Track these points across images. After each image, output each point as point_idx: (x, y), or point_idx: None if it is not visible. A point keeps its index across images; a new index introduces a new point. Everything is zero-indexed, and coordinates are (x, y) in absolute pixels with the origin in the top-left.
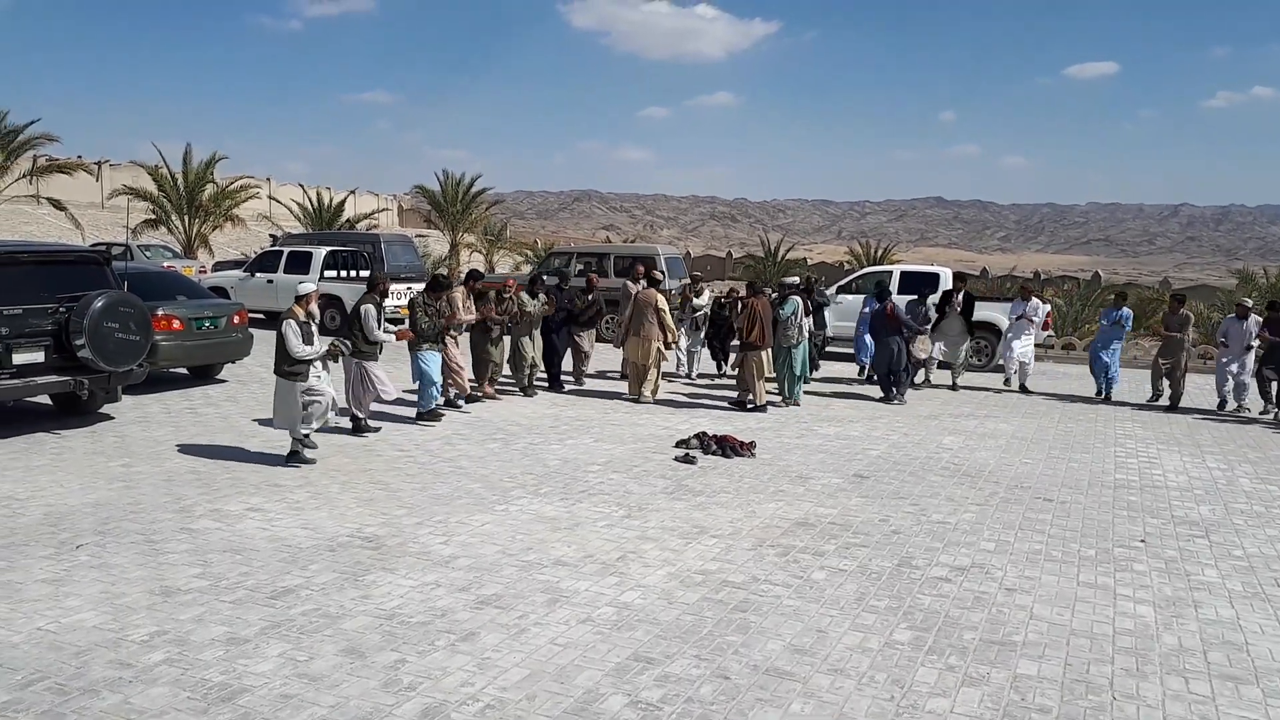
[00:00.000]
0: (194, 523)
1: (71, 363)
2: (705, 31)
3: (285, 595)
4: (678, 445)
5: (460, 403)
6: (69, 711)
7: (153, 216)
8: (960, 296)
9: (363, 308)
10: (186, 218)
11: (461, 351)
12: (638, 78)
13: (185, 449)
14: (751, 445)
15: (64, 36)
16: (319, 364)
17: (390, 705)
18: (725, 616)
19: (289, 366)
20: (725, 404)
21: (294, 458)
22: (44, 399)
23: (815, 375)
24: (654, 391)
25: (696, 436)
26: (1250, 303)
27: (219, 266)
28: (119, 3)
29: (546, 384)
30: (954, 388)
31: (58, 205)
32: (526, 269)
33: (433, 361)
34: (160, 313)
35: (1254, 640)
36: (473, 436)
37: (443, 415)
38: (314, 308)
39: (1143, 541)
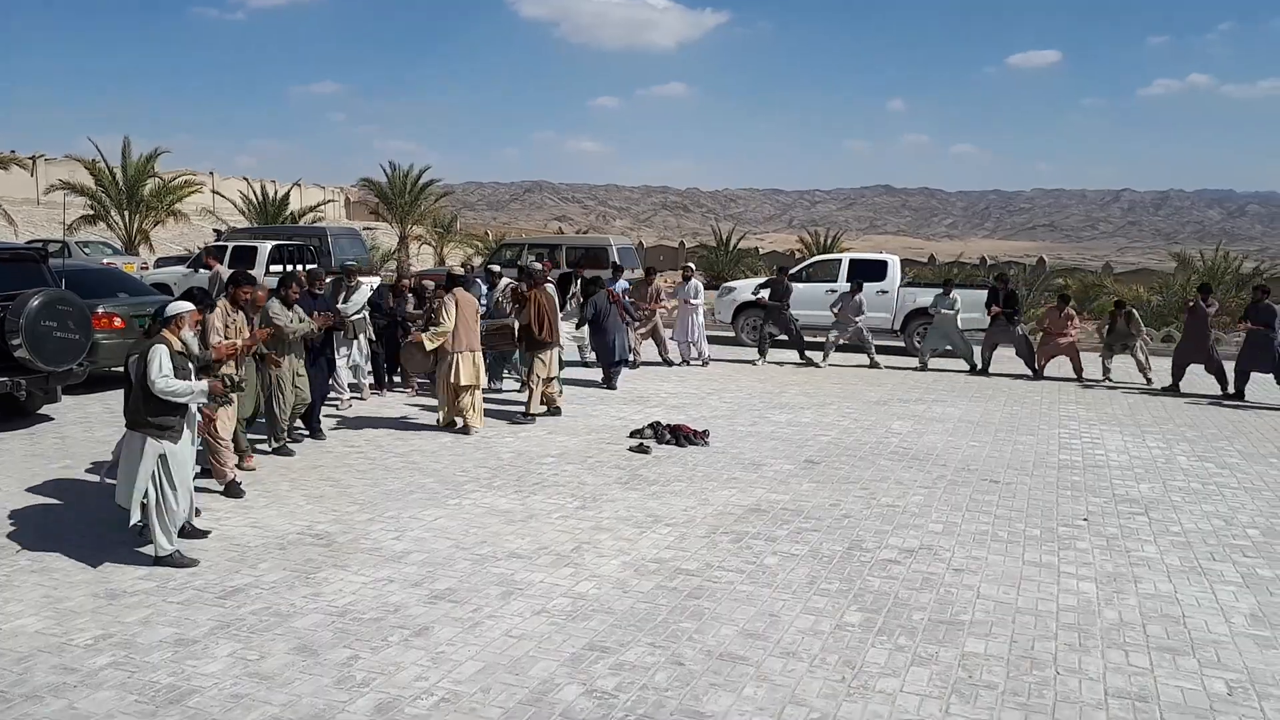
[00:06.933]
0: None
1: (8, 363)
2: (657, 21)
3: (234, 595)
4: (632, 435)
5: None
6: (11, 718)
7: (91, 212)
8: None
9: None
10: (127, 213)
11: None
12: (589, 68)
13: None
14: (705, 434)
15: None
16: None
17: (343, 702)
18: (679, 604)
19: (154, 416)
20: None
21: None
22: None
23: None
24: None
25: (650, 426)
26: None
27: (161, 263)
28: None
29: (307, 432)
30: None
31: None
32: (478, 261)
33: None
34: (100, 310)
35: (1190, 613)
36: (425, 431)
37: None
38: (187, 334)
39: (1085, 520)
